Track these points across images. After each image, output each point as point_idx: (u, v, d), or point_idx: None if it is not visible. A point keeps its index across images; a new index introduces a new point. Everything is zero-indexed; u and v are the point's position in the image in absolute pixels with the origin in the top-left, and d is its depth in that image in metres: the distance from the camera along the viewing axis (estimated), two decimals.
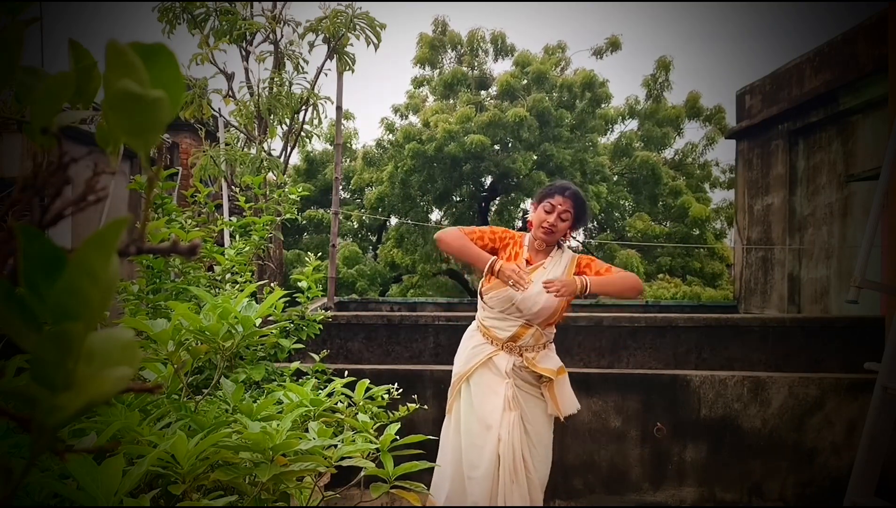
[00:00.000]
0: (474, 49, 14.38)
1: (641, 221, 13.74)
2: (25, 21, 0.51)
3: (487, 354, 2.77)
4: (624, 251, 13.22)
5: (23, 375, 1.19)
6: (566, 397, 2.78)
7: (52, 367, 0.40)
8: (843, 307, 6.78)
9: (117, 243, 0.41)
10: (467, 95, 13.84)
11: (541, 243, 2.81)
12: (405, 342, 5.68)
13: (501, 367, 2.75)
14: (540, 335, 2.77)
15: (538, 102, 12.92)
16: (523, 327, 2.75)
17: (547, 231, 2.76)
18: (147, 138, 0.45)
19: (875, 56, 6.11)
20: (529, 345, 2.76)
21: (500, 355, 2.76)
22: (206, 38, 5.99)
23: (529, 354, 2.75)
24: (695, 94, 14.76)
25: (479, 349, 2.80)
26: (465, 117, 12.73)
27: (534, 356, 2.75)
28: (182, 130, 9.22)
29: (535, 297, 2.69)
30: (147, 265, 2.86)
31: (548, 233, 2.77)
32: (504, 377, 2.74)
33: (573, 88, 13.70)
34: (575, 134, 13.72)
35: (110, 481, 1.11)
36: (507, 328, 2.76)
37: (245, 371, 2.47)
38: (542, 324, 2.77)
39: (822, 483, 3.80)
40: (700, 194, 14.74)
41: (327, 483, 2.26)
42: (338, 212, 7.50)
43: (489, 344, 2.79)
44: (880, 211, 2.94)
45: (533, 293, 2.69)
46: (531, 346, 2.76)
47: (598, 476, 3.90)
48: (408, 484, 1.90)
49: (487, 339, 2.81)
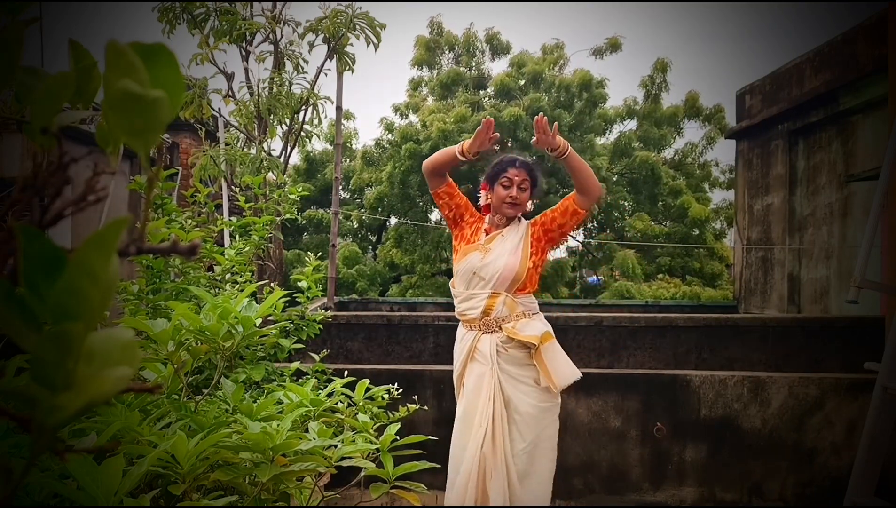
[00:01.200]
0: (470, 49, 14.38)
1: (641, 221, 13.73)
2: (25, 21, 0.51)
3: (471, 341, 2.74)
4: (623, 251, 13.22)
5: (23, 375, 1.19)
6: (559, 365, 2.67)
7: (52, 367, 0.40)
8: (843, 307, 6.78)
9: (117, 243, 0.41)
10: (465, 94, 13.84)
11: (503, 219, 2.84)
12: (405, 342, 5.68)
13: (486, 351, 2.70)
14: (513, 303, 2.72)
15: (535, 102, 12.92)
16: (491, 297, 2.72)
17: (511, 204, 2.79)
18: (147, 138, 0.45)
19: (875, 56, 6.11)
20: (504, 315, 2.71)
21: (482, 339, 2.73)
22: (206, 38, 5.99)
23: (508, 324, 2.69)
24: (693, 93, 14.75)
25: (463, 342, 2.79)
26: (462, 117, 12.73)
27: (513, 325, 2.69)
28: (182, 130, 9.22)
29: (494, 261, 2.73)
30: (147, 265, 2.86)
31: (513, 206, 2.80)
32: (489, 362, 2.68)
33: (570, 88, 13.70)
34: (574, 134, 13.71)
35: (110, 481, 1.11)
36: (476, 303, 2.74)
37: (245, 371, 2.47)
38: (511, 289, 2.73)
39: (822, 483, 3.80)
40: (700, 194, 14.73)
41: (327, 483, 2.26)
42: (338, 212, 7.50)
43: (469, 330, 2.78)
44: (880, 211, 2.94)
45: (493, 257, 2.74)
46: (507, 316, 2.71)
47: (598, 476, 3.90)
48: (408, 484, 1.90)
49: (466, 327, 2.80)
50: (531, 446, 2.66)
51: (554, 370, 2.65)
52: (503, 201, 2.79)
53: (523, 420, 2.66)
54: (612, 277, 13.76)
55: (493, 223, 2.87)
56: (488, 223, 2.88)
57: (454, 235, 2.95)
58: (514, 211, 2.82)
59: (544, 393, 2.69)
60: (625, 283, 12.52)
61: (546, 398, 2.69)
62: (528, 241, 2.79)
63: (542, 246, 2.81)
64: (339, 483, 2.13)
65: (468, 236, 2.87)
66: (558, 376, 2.65)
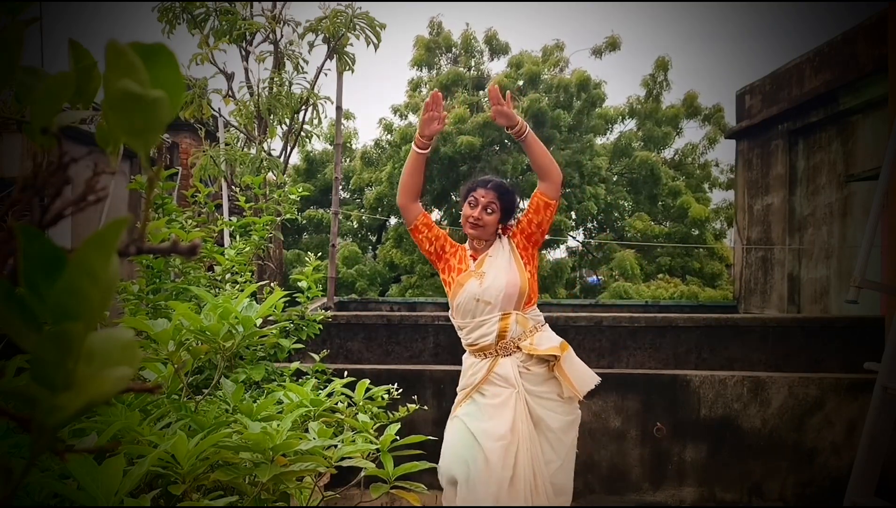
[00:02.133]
0: (469, 49, 14.38)
1: (641, 221, 13.74)
2: (25, 21, 0.51)
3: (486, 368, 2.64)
4: (622, 252, 13.22)
5: (23, 375, 1.19)
6: (578, 372, 2.64)
7: (52, 367, 0.40)
8: (843, 307, 6.78)
9: (117, 243, 0.41)
10: (464, 95, 13.84)
11: (481, 242, 2.76)
12: (405, 342, 5.67)
13: (508, 374, 2.62)
14: (524, 319, 2.67)
15: (534, 103, 12.93)
16: (503, 318, 2.65)
17: (473, 225, 2.71)
18: (147, 138, 0.45)
19: (875, 56, 6.11)
20: (519, 334, 2.65)
21: (499, 362, 2.64)
22: (206, 38, 5.99)
23: (525, 342, 2.64)
24: (692, 93, 14.76)
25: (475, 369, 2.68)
26: (460, 118, 12.73)
27: (530, 342, 2.64)
28: (182, 130, 9.22)
29: (494, 283, 2.65)
30: (147, 265, 2.86)
31: (474, 227, 2.72)
32: (513, 386, 2.61)
33: (569, 89, 13.70)
34: (573, 135, 13.71)
35: (110, 481, 1.11)
36: (489, 329, 2.66)
37: (245, 371, 2.47)
38: (518, 306, 2.67)
39: (822, 483, 3.80)
40: (700, 194, 14.73)
41: (327, 484, 2.26)
42: (338, 212, 7.50)
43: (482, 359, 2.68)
44: (880, 211, 2.94)
45: (491, 279, 2.65)
46: (521, 334, 2.65)
47: (598, 476, 3.90)
48: (408, 485, 1.90)
49: (479, 355, 2.69)
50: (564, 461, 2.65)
51: (575, 379, 2.62)
52: (466, 219, 2.73)
53: (556, 437, 2.63)
54: (612, 277, 13.77)
55: (475, 249, 2.79)
56: (471, 250, 2.80)
57: (440, 269, 2.85)
58: (476, 232, 2.73)
59: (568, 405, 2.67)
60: (624, 283, 12.53)
61: (571, 410, 2.68)
62: (517, 254, 2.73)
63: (529, 253, 2.76)
64: (339, 483, 2.13)
65: (455, 266, 2.79)
66: (579, 383, 2.62)
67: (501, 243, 2.77)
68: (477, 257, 2.77)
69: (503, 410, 2.58)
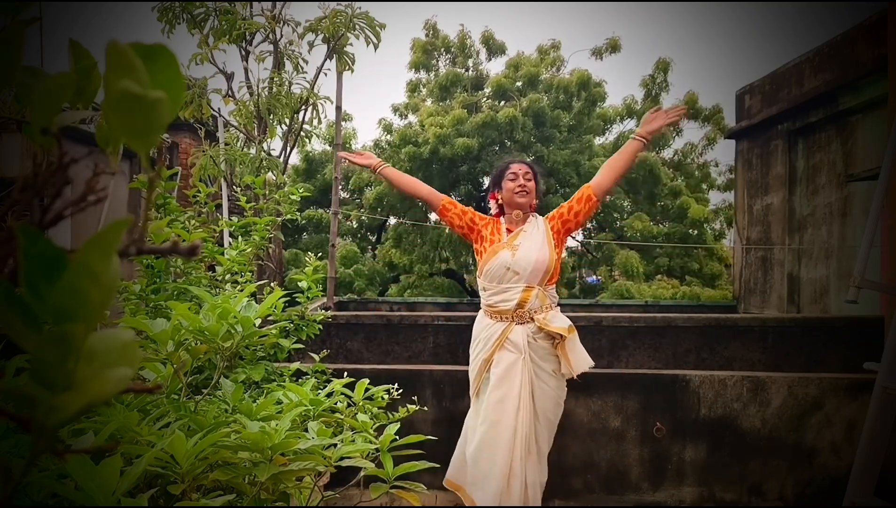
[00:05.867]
0: (466, 50, 14.37)
1: (640, 221, 13.73)
2: (25, 21, 0.50)
3: (501, 330, 2.86)
4: (623, 251, 13.21)
5: (23, 375, 1.19)
6: (578, 354, 2.86)
7: (52, 367, 0.40)
8: (843, 307, 6.78)
9: (118, 243, 0.41)
10: (463, 95, 13.83)
11: (518, 213, 2.99)
12: (404, 342, 5.67)
13: (518, 342, 2.84)
14: (543, 295, 2.88)
15: (534, 103, 12.92)
16: (526, 290, 2.85)
17: (521, 193, 2.95)
18: (147, 139, 0.45)
19: (875, 56, 6.12)
20: (537, 307, 2.86)
21: (513, 329, 2.86)
22: (206, 38, 5.99)
23: (540, 315, 2.85)
24: (692, 94, 14.75)
25: (493, 329, 2.89)
26: (458, 119, 12.72)
27: (544, 316, 2.85)
28: (182, 130, 9.22)
29: (527, 255, 2.87)
30: (148, 265, 2.86)
31: (524, 194, 2.96)
32: (521, 352, 2.82)
33: (569, 89, 13.69)
34: (572, 135, 13.70)
35: (108, 480, 1.11)
36: (511, 296, 2.87)
37: (245, 371, 2.47)
38: (542, 282, 2.88)
39: (821, 483, 3.80)
40: (699, 194, 14.73)
41: (327, 483, 2.26)
42: (337, 212, 7.50)
43: (498, 321, 2.90)
44: (880, 211, 2.94)
45: (524, 253, 2.88)
46: (539, 308, 2.86)
47: (598, 475, 3.90)
48: (407, 484, 1.90)
49: (495, 317, 2.91)
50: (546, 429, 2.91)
51: (574, 359, 2.85)
52: (514, 192, 2.95)
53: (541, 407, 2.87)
54: (612, 277, 13.76)
55: (512, 221, 3.02)
56: (507, 223, 3.03)
57: (474, 239, 3.07)
58: (527, 199, 2.96)
59: (559, 381, 2.91)
60: (624, 283, 12.52)
61: (560, 387, 2.93)
62: (550, 235, 2.95)
63: (560, 238, 2.98)
64: (338, 482, 2.13)
65: (488, 236, 3.00)
66: (577, 363, 2.85)
67: (537, 222, 3.02)
68: (513, 229, 3.01)
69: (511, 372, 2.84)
